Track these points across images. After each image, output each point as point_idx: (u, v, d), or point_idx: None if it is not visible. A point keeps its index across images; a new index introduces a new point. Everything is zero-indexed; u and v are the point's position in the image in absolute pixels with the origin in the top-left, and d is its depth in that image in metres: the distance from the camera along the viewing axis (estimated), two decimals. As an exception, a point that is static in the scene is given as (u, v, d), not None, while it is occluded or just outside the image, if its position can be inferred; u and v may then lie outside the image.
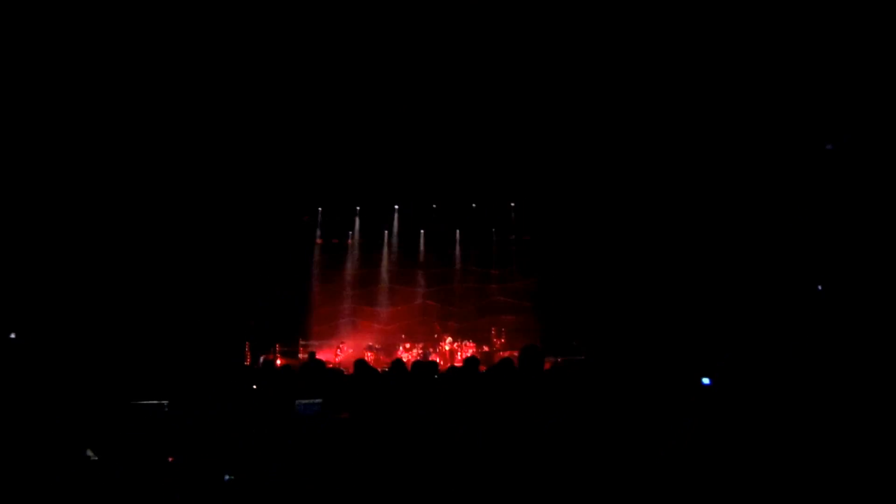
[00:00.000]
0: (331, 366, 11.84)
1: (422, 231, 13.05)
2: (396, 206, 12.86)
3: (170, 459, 5.77)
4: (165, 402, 7.43)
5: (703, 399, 7.42)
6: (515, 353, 11.89)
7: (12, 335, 9.77)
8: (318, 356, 12.04)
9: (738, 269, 10.95)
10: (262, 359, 12.06)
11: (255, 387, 8.76)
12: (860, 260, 9.74)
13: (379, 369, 11.41)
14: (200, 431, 6.77)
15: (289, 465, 5.72)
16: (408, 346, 12.81)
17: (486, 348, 12.76)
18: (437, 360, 12.39)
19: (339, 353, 12.66)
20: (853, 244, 9.79)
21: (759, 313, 10.25)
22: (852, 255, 9.84)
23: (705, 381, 5.75)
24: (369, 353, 12.64)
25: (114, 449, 5.86)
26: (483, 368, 10.72)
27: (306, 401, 7.33)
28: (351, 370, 11.52)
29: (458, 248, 13.15)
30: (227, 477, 5.46)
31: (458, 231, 13.03)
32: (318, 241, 13.29)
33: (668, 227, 11.62)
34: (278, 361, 12.22)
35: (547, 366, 11.27)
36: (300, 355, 12.50)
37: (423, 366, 11.12)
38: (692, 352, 9.66)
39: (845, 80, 9.40)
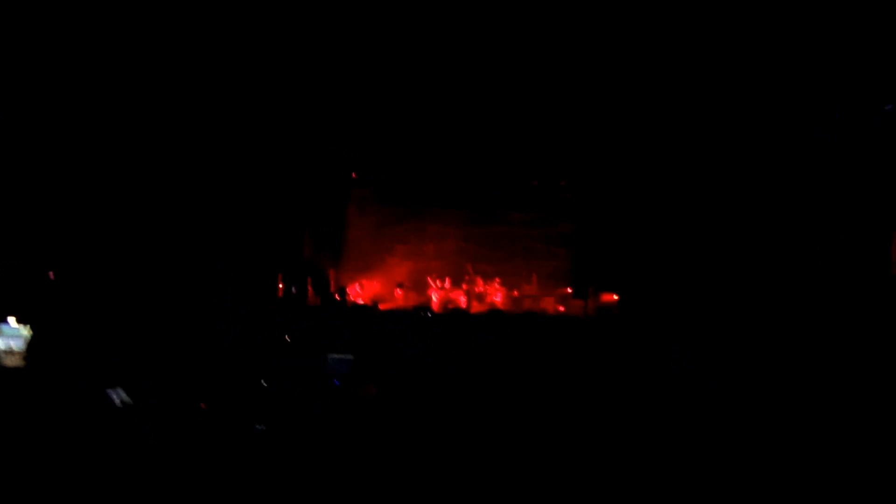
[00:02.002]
0: (360, 301, 12.40)
1: (458, 170, 12.78)
2: (430, 146, 12.55)
3: (202, 406, 5.96)
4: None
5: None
6: (545, 298, 12.52)
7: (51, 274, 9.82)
8: (348, 290, 12.51)
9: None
10: (294, 290, 12.18)
11: (287, 338, 9.06)
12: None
13: (410, 306, 12.29)
14: (231, 379, 7.02)
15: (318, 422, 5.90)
16: (438, 285, 12.84)
17: (515, 293, 12.73)
18: (465, 301, 12.58)
19: (366, 288, 12.80)
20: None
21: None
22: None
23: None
24: (399, 290, 12.79)
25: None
26: (512, 310, 11.66)
27: (337, 356, 7.61)
28: (381, 306, 12.10)
29: (493, 190, 12.96)
30: (258, 427, 5.66)
31: (494, 173, 12.79)
32: (353, 175, 13.12)
33: (717, 177, 11.38)
34: (310, 296, 12.33)
35: (578, 309, 11.80)
36: (331, 289, 12.54)
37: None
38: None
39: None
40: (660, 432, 5.66)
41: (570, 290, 12.46)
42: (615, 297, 12.05)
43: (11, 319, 7.51)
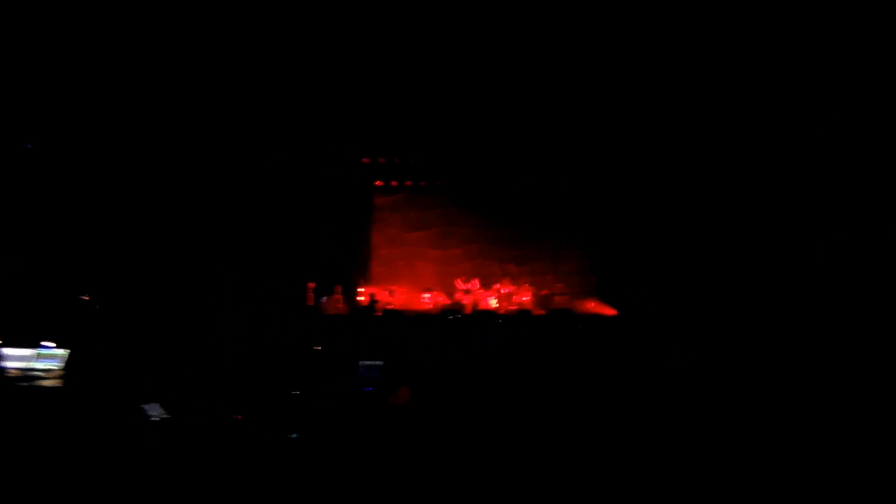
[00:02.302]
0: (389, 307, 12.34)
1: (483, 175, 12.93)
2: (454, 149, 12.64)
3: (237, 418, 6.06)
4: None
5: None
6: (576, 301, 12.42)
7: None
8: (377, 298, 12.48)
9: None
10: (324, 299, 12.23)
11: (317, 348, 9.13)
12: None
13: (437, 310, 12.31)
14: (265, 390, 7.10)
15: (350, 431, 5.95)
16: (466, 287, 12.86)
17: (544, 291, 12.75)
18: (496, 302, 12.58)
19: (395, 294, 12.86)
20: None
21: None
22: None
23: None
24: (428, 294, 12.80)
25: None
26: (542, 312, 11.64)
27: (368, 362, 7.77)
28: (410, 310, 12.12)
29: (519, 189, 13.05)
30: (293, 436, 5.74)
31: (518, 172, 12.88)
32: (378, 182, 13.25)
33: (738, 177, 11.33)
34: (339, 304, 12.35)
35: (604, 310, 11.84)
36: (360, 298, 12.58)
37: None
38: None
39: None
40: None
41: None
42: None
43: (48, 343, 7.56)
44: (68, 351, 7.43)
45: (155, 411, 5.85)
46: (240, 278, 11.49)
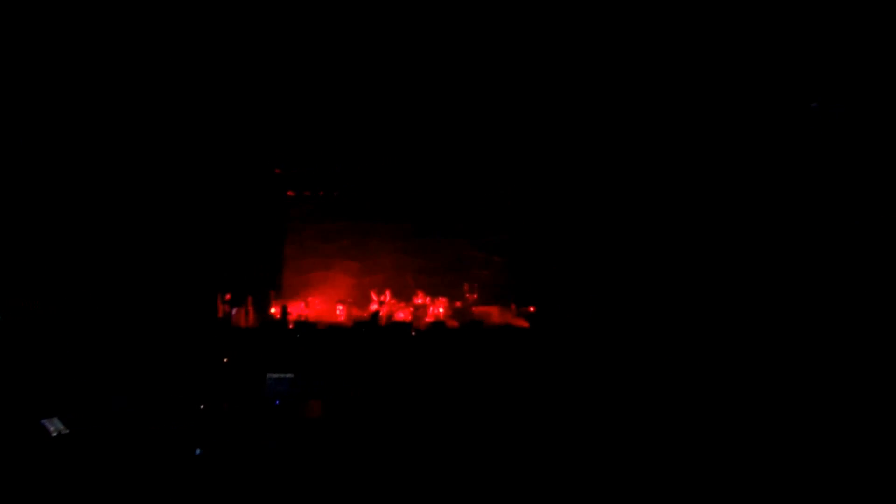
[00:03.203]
0: (302, 318, 12.14)
1: (395, 184, 12.88)
2: (367, 160, 12.64)
3: (140, 432, 5.84)
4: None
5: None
6: (488, 309, 12.48)
7: None
8: (289, 310, 12.16)
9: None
10: (234, 311, 11.99)
11: (225, 360, 8.87)
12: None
13: (350, 323, 12.13)
14: (171, 406, 6.86)
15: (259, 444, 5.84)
16: (381, 300, 12.73)
17: (458, 304, 12.73)
18: (410, 315, 12.51)
19: (307, 306, 12.71)
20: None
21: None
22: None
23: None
24: (341, 307, 12.63)
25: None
26: (455, 324, 11.55)
27: (277, 375, 7.75)
28: (321, 323, 11.83)
29: (431, 201, 12.99)
30: (197, 451, 5.58)
31: (430, 185, 12.86)
32: (290, 193, 13.12)
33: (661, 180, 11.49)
34: (250, 316, 12.15)
35: (518, 322, 12.01)
36: (272, 309, 12.37)
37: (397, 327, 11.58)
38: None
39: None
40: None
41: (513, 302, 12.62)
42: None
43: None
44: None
45: (54, 426, 5.68)
46: (144, 288, 11.23)
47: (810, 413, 6.59)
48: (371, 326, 11.76)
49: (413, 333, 11.50)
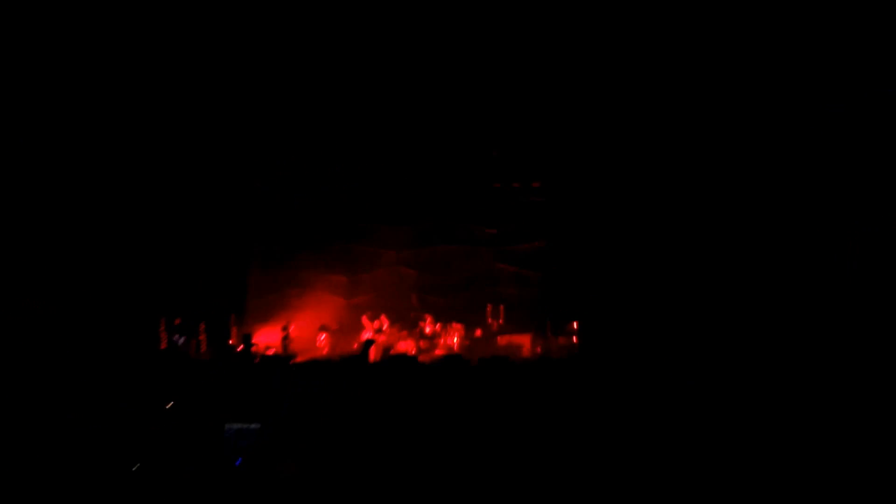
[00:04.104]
0: (272, 352, 10.87)
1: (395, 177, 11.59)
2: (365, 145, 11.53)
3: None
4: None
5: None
6: (517, 338, 10.83)
7: None
8: (255, 339, 10.99)
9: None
10: (181, 340, 10.74)
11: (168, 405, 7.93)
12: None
13: (336, 355, 10.90)
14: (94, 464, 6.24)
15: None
16: (375, 326, 11.16)
17: (478, 332, 11.08)
18: (414, 347, 11.12)
19: (279, 334, 11.30)
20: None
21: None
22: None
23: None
24: (323, 335, 11.15)
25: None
26: (475, 359, 10.49)
27: (238, 426, 7.19)
28: (300, 356, 10.83)
29: (444, 198, 11.61)
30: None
31: (443, 177, 11.55)
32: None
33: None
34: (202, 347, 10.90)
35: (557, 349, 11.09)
36: (231, 340, 11.01)
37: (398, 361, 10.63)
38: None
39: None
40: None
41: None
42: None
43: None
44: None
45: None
46: (62, 310, 10.53)
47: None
48: (362, 362, 10.41)
49: (418, 372, 9.99)
